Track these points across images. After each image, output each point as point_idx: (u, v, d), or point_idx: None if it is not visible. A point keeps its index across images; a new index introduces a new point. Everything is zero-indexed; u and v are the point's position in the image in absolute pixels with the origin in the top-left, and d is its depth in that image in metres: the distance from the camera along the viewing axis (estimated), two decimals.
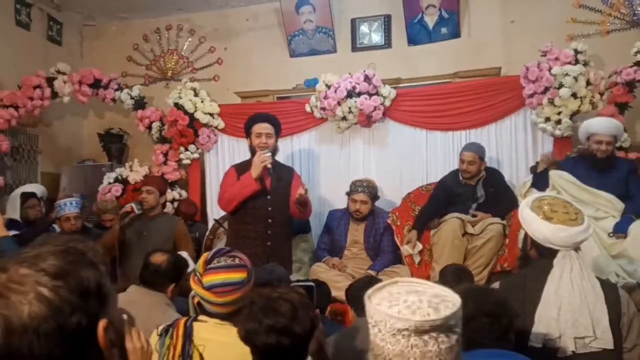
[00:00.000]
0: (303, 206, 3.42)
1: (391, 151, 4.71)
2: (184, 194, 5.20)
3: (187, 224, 4.50)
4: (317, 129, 4.90)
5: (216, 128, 5.13)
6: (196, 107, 5.04)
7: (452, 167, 4.39)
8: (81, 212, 4.14)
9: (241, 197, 3.40)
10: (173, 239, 3.76)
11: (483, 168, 3.99)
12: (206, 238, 4.33)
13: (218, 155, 5.18)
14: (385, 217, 4.09)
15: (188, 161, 5.17)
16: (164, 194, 4.11)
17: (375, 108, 4.51)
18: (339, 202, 4.36)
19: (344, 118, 4.62)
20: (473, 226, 3.75)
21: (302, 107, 4.85)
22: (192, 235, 4.36)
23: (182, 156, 5.13)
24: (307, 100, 4.82)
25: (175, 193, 5.13)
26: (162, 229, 3.79)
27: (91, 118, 6.24)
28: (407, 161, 4.67)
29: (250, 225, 3.44)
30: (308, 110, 4.81)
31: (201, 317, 1.79)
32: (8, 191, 4.88)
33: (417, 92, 4.72)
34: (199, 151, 5.19)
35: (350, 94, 4.51)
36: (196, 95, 5.11)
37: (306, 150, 4.93)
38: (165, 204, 4.15)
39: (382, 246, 4.03)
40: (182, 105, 5.04)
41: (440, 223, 3.86)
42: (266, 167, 3.35)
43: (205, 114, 5.05)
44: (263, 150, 3.39)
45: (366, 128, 4.72)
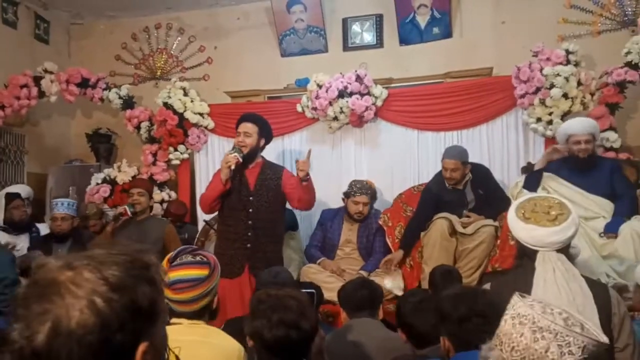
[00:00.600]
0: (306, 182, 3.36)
1: (383, 151, 4.69)
2: (173, 195, 5.15)
3: (176, 226, 4.46)
4: (309, 129, 4.87)
5: (206, 128, 5.08)
6: (186, 107, 4.99)
7: None
8: (74, 215, 4.10)
9: (210, 199, 3.43)
10: (162, 242, 3.71)
11: (468, 171, 3.88)
12: (197, 240, 4.28)
13: (208, 155, 5.13)
14: (377, 217, 4.08)
15: (177, 162, 5.12)
16: (152, 197, 4.10)
17: (366, 108, 4.49)
18: (331, 202, 4.32)
19: (336, 118, 4.59)
20: (464, 227, 3.73)
21: (294, 107, 4.81)
22: (182, 237, 4.31)
23: (172, 156, 5.08)
24: (299, 100, 4.79)
25: (164, 194, 5.08)
26: (151, 232, 3.75)
27: (79, 118, 6.17)
28: (399, 161, 4.65)
29: (231, 227, 3.43)
30: (299, 110, 4.78)
31: (174, 320, 1.76)
32: None
33: (409, 92, 4.70)
34: (189, 151, 5.14)
35: (341, 94, 4.48)
36: (186, 94, 5.06)
37: (297, 150, 4.89)
38: (152, 206, 4.11)
39: (375, 247, 4.01)
40: (172, 104, 4.98)
41: (430, 224, 3.84)
42: (230, 168, 3.31)
43: (195, 114, 5.00)
44: (233, 149, 3.35)
45: (358, 128, 4.70)
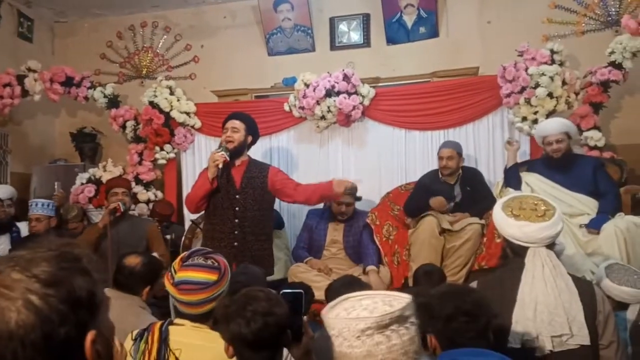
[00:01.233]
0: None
1: (370, 150, 4.70)
2: (160, 195, 5.11)
3: (163, 225, 4.43)
4: (296, 128, 4.87)
5: (193, 127, 5.05)
6: (172, 106, 4.95)
7: (431, 166, 4.41)
8: (51, 216, 4.06)
9: (197, 198, 3.39)
10: (145, 241, 3.68)
11: (461, 165, 4.02)
12: (184, 238, 4.24)
13: (195, 155, 5.10)
14: (364, 217, 4.07)
15: (164, 161, 5.08)
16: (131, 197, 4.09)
17: (354, 107, 4.49)
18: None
19: (323, 117, 4.59)
20: (452, 225, 3.76)
21: (281, 106, 4.80)
22: (169, 236, 4.28)
23: (158, 156, 5.04)
24: (286, 99, 4.78)
25: (150, 194, 5.04)
26: (134, 231, 3.71)
27: (63, 117, 6.10)
28: (386, 160, 4.67)
29: (217, 225, 3.39)
30: (286, 109, 4.77)
31: (177, 321, 1.75)
32: None
33: (396, 92, 4.72)
34: (175, 151, 5.10)
35: (329, 93, 4.48)
36: (172, 93, 5.03)
37: (285, 149, 4.89)
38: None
39: (365, 243, 3.97)
40: (158, 103, 4.95)
41: (417, 222, 3.86)
42: (218, 167, 3.28)
43: (181, 113, 4.97)
44: (220, 148, 3.33)
45: (345, 127, 4.70)
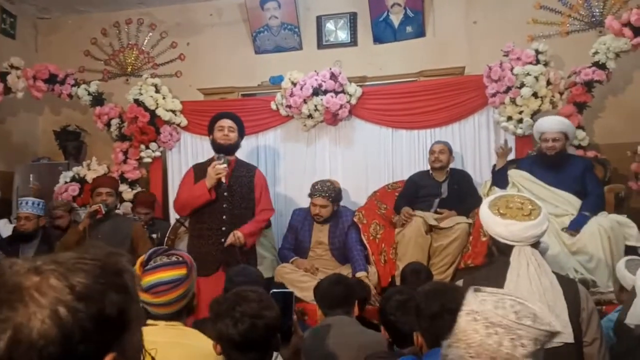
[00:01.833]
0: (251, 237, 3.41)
1: (357, 149, 4.71)
2: None
3: (148, 223, 4.39)
4: (283, 127, 4.85)
5: (178, 125, 5.01)
6: (157, 104, 4.91)
7: (418, 165, 4.44)
8: (40, 215, 4.03)
9: (194, 206, 3.38)
10: (130, 241, 3.65)
11: (451, 162, 4.11)
12: (167, 238, 4.21)
13: (181, 153, 5.06)
14: (349, 216, 4.03)
15: (149, 159, 5.03)
16: (118, 195, 4.06)
17: (341, 106, 4.49)
18: (305, 201, 4.30)
19: (310, 116, 4.58)
20: (438, 222, 3.78)
21: (268, 105, 4.78)
22: (154, 235, 4.25)
23: (143, 154, 4.99)
24: (273, 97, 4.76)
25: (136, 192, 4.98)
26: (120, 231, 3.68)
27: (46, 115, 6.02)
28: (373, 159, 4.67)
29: (205, 223, 3.38)
30: (273, 107, 4.75)
31: (150, 322, 1.72)
32: None
33: (383, 91, 4.72)
34: (161, 149, 5.06)
35: (316, 92, 4.47)
36: (157, 91, 4.98)
37: (272, 148, 4.87)
38: (117, 205, 4.07)
39: (351, 243, 3.90)
40: (143, 101, 4.90)
41: (403, 223, 3.88)
42: (220, 180, 3.27)
43: (167, 111, 4.92)
44: (219, 158, 3.31)
45: (332, 126, 4.70)
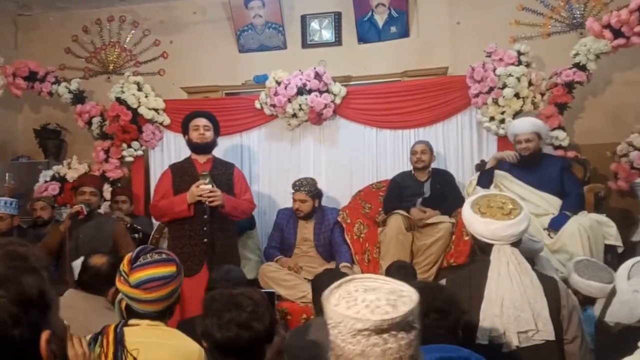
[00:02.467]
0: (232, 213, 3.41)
1: (341, 149, 4.71)
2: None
3: (131, 216, 4.37)
4: (267, 126, 4.83)
5: (161, 124, 4.96)
6: (140, 102, 4.85)
7: (402, 165, 4.45)
8: (14, 215, 3.97)
9: (171, 217, 3.40)
10: (112, 240, 3.61)
11: (433, 162, 4.15)
12: (152, 237, 4.17)
13: (163, 152, 5.00)
14: (334, 214, 4.10)
15: (131, 158, 4.97)
16: (102, 195, 4.03)
17: (325, 106, 4.49)
18: (289, 201, 4.30)
19: (294, 115, 4.57)
20: (423, 221, 3.81)
21: (252, 104, 4.76)
22: (136, 235, 4.20)
23: (125, 153, 4.92)
24: (257, 96, 4.74)
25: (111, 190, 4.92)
26: (102, 230, 3.64)
27: (26, 112, 5.91)
28: (357, 159, 4.68)
29: (186, 224, 3.38)
30: (258, 106, 4.73)
31: (132, 321, 1.72)
32: None
33: (367, 90, 4.73)
34: (143, 148, 5.00)
35: (300, 91, 4.47)
36: (140, 89, 4.92)
37: (256, 147, 4.85)
38: (101, 205, 4.03)
39: (336, 240, 3.98)
40: (125, 100, 4.84)
41: (385, 221, 3.90)
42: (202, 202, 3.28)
43: (149, 110, 4.87)
44: (203, 176, 3.31)
45: (316, 125, 4.70)
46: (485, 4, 5.06)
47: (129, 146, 4.92)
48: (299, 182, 4.05)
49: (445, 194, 4.00)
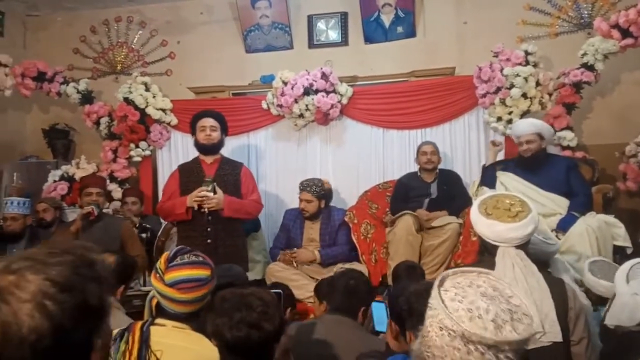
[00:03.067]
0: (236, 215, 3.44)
1: (348, 149, 4.71)
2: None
3: (139, 215, 4.40)
4: (274, 126, 4.84)
5: (169, 124, 4.99)
6: (147, 102, 4.88)
7: (409, 165, 4.45)
8: (26, 215, 4.01)
9: (173, 219, 3.52)
10: (119, 240, 3.63)
11: (440, 163, 4.15)
12: (158, 239, 4.18)
13: (171, 152, 5.03)
14: (340, 215, 4.09)
15: (139, 158, 5.00)
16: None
17: (332, 106, 4.49)
18: (296, 201, 4.31)
19: (301, 115, 4.58)
20: (431, 221, 3.80)
21: (259, 104, 4.77)
22: (144, 235, 4.22)
23: (133, 153, 4.96)
24: (264, 97, 4.75)
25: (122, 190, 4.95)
26: (110, 230, 3.66)
27: (35, 113, 5.95)
28: (364, 159, 4.68)
29: (191, 225, 3.41)
30: (264, 107, 4.74)
31: (158, 321, 1.73)
32: None
33: (374, 91, 4.73)
34: (151, 148, 5.03)
35: (307, 91, 4.47)
36: (147, 89, 4.95)
37: (262, 147, 4.86)
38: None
39: (338, 240, 4.00)
40: (133, 100, 4.87)
41: (394, 221, 3.89)
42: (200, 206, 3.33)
43: (157, 110, 4.89)
44: (206, 183, 3.32)
45: (323, 126, 4.70)
46: (492, 4, 5.04)
47: (137, 146, 4.95)
48: (306, 183, 4.06)
49: (452, 195, 3.99)
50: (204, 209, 3.31)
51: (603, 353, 2.06)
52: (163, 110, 4.93)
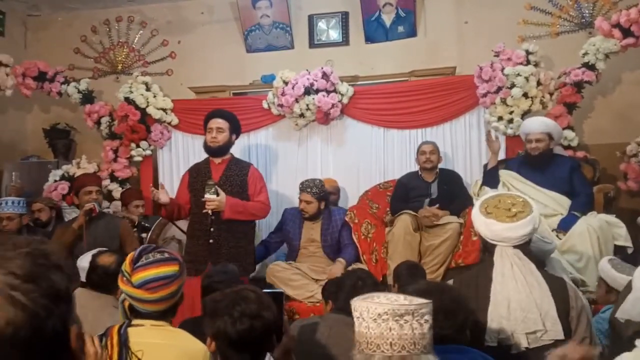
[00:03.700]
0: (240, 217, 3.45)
1: (349, 149, 4.71)
2: None
3: (140, 223, 4.37)
4: (275, 126, 4.84)
5: (169, 124, 4.99)
6: (148, 102, 4.88)
7: (409, 165, 4.45)
8: (22, 214, 3.98)
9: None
10: (119, 239, 3.63)
11: (440, 163, 4.13)
12: (151, 232, 4.11)
13: (171, 152, 5.03)
14: (341, 214, 4.07)
15: (140, 158, 5.01)
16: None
17: (332, 105, 4.49)
18: (297, 200, 4.31)
19: (302, 115, 4.58)
20: (433, 219, 3.80)
21: (259, 104, 4.77)
22: (144, 235, 4.21)
23: (134, 153, 4.96)
24: (264, 96, 4.75)
25: (121, 192, 4.94)
26: (108, 230, 3.65)
27: (36, 112, 5.96)
28: (365, 159, 4.68)
29: (196, 223, 3.44)
30: (265, 106, 4.74)
31: (136, 321, 1.71)
32: None
33: (375, 90, 4.73)
34: (152, 148, 5.03)
35: (307, 91, 4.47)
36: (148, 89, 4.95)
37: (263, 147, 4.86)
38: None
39: (343, 240, 3.96)
40: (133, 99, 4.87)
41: (393, 221, 3.89)
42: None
43: (157, 109, 4.90)
44: (208, 187, 3.32)
45: (324, 125, 4.70)
46: (493, 3, 5.04)
47: (138, 146, 4.95)
48: (306, 183, 4.02)
49: (453, 195, 3.98)
50: (207, 210, 3.33)
51: (611, 353, 2.05)
52: (164, 110, 4.93)
